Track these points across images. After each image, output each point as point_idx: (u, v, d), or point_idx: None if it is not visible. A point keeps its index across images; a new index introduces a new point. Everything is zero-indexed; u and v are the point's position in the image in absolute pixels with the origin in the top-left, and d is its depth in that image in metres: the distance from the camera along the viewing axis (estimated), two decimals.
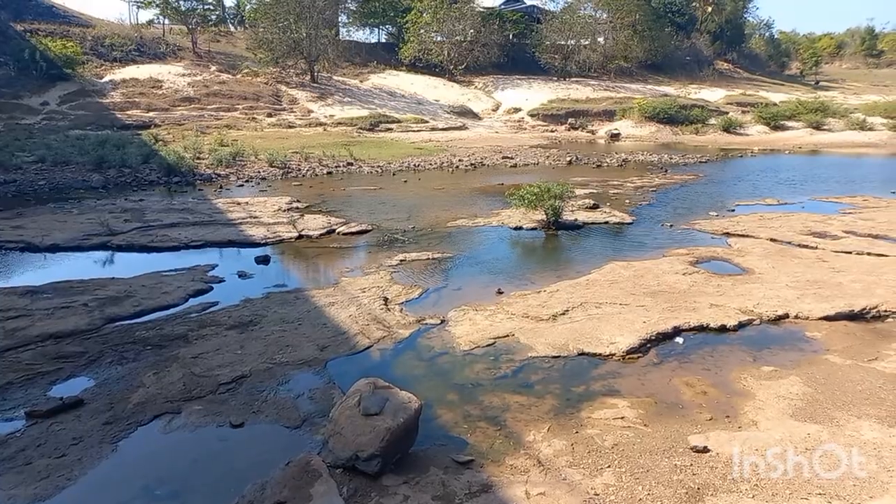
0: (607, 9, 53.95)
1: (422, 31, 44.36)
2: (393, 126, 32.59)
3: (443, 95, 41.55)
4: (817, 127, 33.77)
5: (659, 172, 20.99)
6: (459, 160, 23.41)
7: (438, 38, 45.62)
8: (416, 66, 45.72)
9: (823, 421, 5.24)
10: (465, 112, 38.52)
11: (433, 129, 33.24)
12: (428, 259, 10.39)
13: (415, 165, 21.83)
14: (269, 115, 31.87)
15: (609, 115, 38.22)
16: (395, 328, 7.37)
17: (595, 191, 16.98)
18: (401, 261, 10.25)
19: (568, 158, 24.24)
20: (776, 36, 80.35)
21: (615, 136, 34.23)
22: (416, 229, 12.48)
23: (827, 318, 7.62)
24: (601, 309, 7.99)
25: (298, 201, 15.17)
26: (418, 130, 32.32)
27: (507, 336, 7.11)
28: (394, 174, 20.24)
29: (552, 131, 35.97)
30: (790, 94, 48.60)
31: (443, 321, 7.60)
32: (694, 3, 64.65)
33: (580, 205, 14.46)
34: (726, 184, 19.08)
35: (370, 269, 9.73)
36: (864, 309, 7.83)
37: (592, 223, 13.15)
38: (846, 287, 8.65)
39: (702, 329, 7.37)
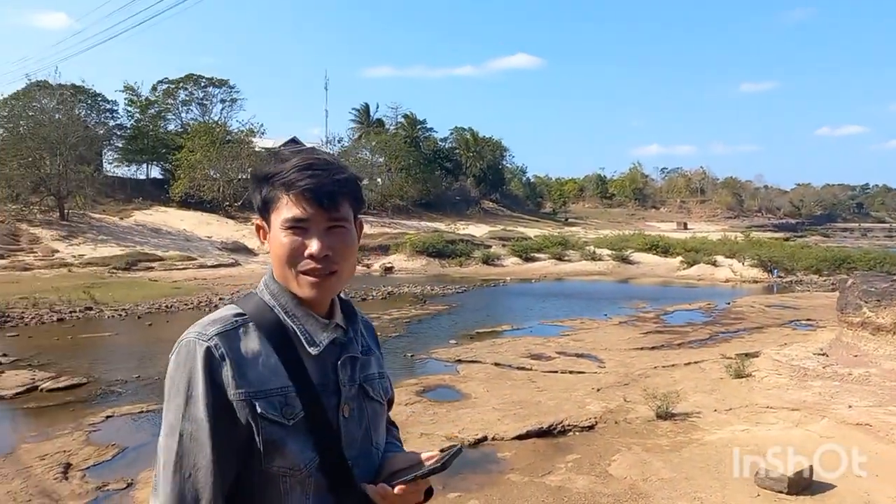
0: (383, 153, 59.11)
1: (195, 168, 43.57)
2: (154, 265, 30.62)
3: (216, 232, 40.48)
4: (560, 258, 38.60)
5: (417, 304, 22.10)
6: (220, 298, 22.46)
7: (213, 175, 45.02)
8: (187, 203, 44.31)
9: None
10: (239, 248, 37.73)
11: (201, 266, 31.83)
12: (140, 412, 9.47)
13: (167, 307, 20.43)
14: (1, 258, 28.16)
15: (384, 250, 40.05)
16: (66, 500, 6.45)
17: None
18: (107, 417, 9.22)
19: None
20: (532, 180, 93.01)
21: (389, 269, 35.74)
22: (140, 379, 11.40)
23: (519, 437, 8.27)
24: None
25: (4, 355, 13.16)
26: (183, 268, 30.68)
27: None
28: (139, 317, 18.67)
29: None
30: (543, 230, 55.48)
31: (130, 484, 6.83)
32: (458, 151, 72.83)
33: None
34: (474, 312, 20.64)
35: (63, 431, 8.56)
36: (552, 425, 8.66)
37: None
38: (542, 405, 9.56)
39: None
